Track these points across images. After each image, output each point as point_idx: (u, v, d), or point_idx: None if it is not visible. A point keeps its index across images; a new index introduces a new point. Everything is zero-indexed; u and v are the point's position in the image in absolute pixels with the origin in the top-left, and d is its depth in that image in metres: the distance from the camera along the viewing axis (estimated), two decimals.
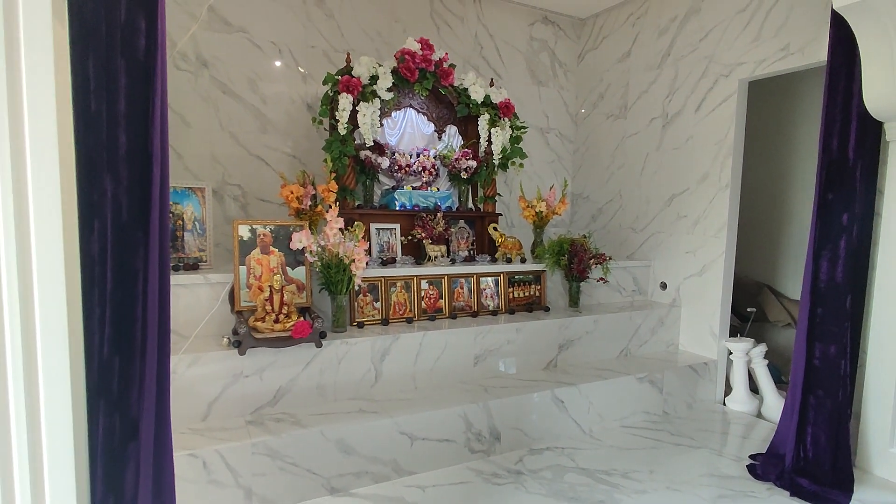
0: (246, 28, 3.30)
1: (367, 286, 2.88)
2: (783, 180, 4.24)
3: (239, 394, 2.34)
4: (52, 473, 0.99)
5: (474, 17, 4.05)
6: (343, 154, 2.99)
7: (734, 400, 3.36)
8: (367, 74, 3.01)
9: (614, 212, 4.24)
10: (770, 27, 3.08)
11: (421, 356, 2.76)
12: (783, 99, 4.20)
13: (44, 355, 0.97)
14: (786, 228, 4.23)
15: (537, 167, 4.42)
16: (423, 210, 3.29)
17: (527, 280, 3.39)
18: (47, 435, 0.98)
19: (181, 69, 3.15)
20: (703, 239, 3.51)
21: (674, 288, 3.74)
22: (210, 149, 3.27)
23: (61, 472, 1.00)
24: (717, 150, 3.40)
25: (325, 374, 2.51)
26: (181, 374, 2.22)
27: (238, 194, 3.38)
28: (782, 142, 4.23)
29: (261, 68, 3.38)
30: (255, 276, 2.54)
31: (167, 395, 1.25)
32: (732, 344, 3.36)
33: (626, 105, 4.10)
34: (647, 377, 3.14)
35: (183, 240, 2.73)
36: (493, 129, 3.39)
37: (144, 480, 1.25)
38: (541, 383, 2.89)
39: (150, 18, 1.14)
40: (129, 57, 1.13)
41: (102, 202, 1.14)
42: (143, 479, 1.25)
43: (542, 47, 4.37)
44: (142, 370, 1.17)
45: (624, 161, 4.13)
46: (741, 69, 3.24)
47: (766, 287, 4.30)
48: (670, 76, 3.71)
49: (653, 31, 3.84)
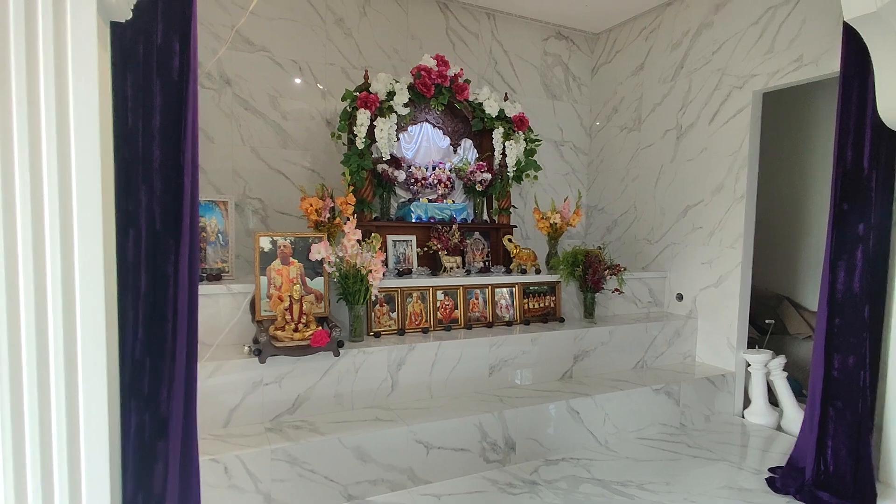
0: (268, 47, 3.43)
1: (384, 297, 2.94)
2: (800, 191, 4.22)
3: (259, 401, 2.40)
4: (88, 466, 1.05)
5: (489, 33, 4.14)
6: (361, 168, 3.07)
7: (753, 412, 3.32)
8: (384, 90, 3.10)
9: (629, 223, 4.25)
10: (783, 39, 3.10)
11: (436, 366, 2.79)
12: (798, 110, 4.20)
13: (83, 354, 1.04)
14: (804, 239, 4.20)
15: (552, 179, 4.46)
16: (439, 222, 3.35)
17: (542, 291, 3.42)
18: (85, 428, 1.04)
19: (206, 87, 3.28)
20: (720, 250, 3.51)
21: (690, 299, 3.73)
22: (232, 163, 3.38)
23: (96, 465, 1.06)
24: (731, 161, 3.41)
25: (342, 382, 2.56)
26: (203, 381, 2.28)
27: (259, 207, 3.48)
28: (798, 152, 4.22)
29: (282, 85, 3.49)
30: (276, 286, 2.61)
31: (194, 396, 1.32)
32: (750, 356, 3.34)
33: (640, 117, 4.13)
34: (663, 389, 3.13)
35: (206, 251, 2.82)
36: (508, 142, 3.45)
37: (172, 479, 1.31)
38: (556, 394, 2.90)
39: (183, 42, 1.22)
40: (164, 77, 1.22)
41: (137, 211, 1.22)
42: (171, 477, 1.31)
43: (555, 62, 4.44)
44: (171, 371, 1.23)
45: (638, 173, 4.15)
46: (754, 81, 3.26)
47: (785, 299, 4.26)
48: (684, 88, 3.74)
49: (666, 45, 3.89)
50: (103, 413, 1.07)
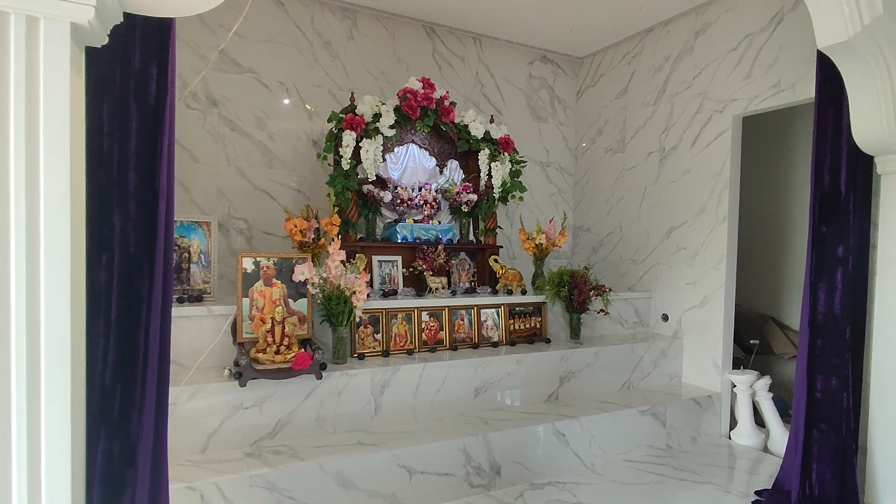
0: (255, 69, 3.46)
1: (369, 318, 2.92)
2: (782, 212, 4.28)
3: (238, 426, 2.35)
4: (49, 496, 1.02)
5: (475, 56, 4.21)
6: (346, 188, 3.08)
7: (739, 434, 3.32)
8: (370, 112, 3.13)
9: (615, 244, 4.28)
10: (761, 65, 3.18)
11: (421, 388, 2.76)
12: (778, 133, 4.29)
13: (47, 380, 1.02)
14: (788, 260, 4.25)
15: (538, 200, 4.50)
16: (425, 242, 3.35)
17: (528, 312, 3.41)
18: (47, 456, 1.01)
19: (192, 108, 3.28)
20: (703, 271, 3.53)
21: (675, 319, 3.74)
22: (217, 183, 3.38)
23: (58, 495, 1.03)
24: (713, 183, 3.46)
25: (324, 405, 2.53)
26: (182, 405, 2.25)
27: (244, 227, 3.46)
28: (779, 175, 4.29)
29: (268, 106, 3.51)
30: (258, 307, 2.58)
31: (165, 422, 1.29)
32: (736, 376, 3.34)
33: (624, 140, 4.19)
34: (649, 410, 3.12)
35: (189, 272, 2.79)
36: (493, 163, 3.48)
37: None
38: (542, 416, 2.88)
39: (161, 67, 1.23)
40: (141, 101, 1.22)
41: (111, 235, 1.21)
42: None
43: (541, 85, 4.51)
44: (142, 397, 1.21)
45: (623, 194, 4.20)
46: (734, 105, 3.33)
47: (770, 319, 4.29)
48: (666, 112, 3.81)
49: (648, 70, 3.97)
50: (66, 445, 1.04)
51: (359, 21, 3.75)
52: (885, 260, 2.54)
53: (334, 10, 3.67)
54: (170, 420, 2.09)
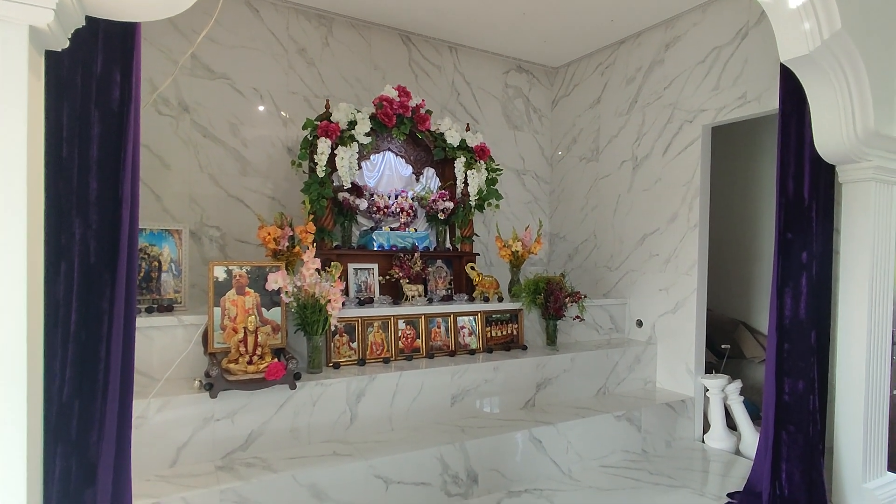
0: (228, 75, 3.40)
1: (344, 326, 2.88)
2: (751, 219, 4.39)
3: (209, 438, 2.29)
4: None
5: (451, 65, 4.22)
6: (321, 196, 3.04)
7: (712, 437, 3.36)
8: (345, 120, 3.10)
9: (590, 251, 4.33)
10: (728, 77, 3.26)
11: (397, 397, 2.73)
12: (746, 142, 4.40)
13: (1, 398, 0.97)
14: (757, 265, 4.35)
15: (514, 208, 4.52)
16: (401, 250, 3.33)
17: (504, 319, 3.42)
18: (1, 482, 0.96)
19: (163, 114, 3.22)
20: (675, 276, 3.59)
21: (649, 325, 3.79)
22: (189, 190, 3.31)
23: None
24: (685, 191, 3.53)
25: (299, 416, 2.48)
26: (150, 418, 2.18)
27: (217, 235, 3.40)
28: (748, 182, 4.40)
29: (242, 113, 3.46)
30: (230, 317, 2.53)
31: (128, 438, 1.24)
32: (708, 381, 3.39)
33: (598, 148, 4.25)
34: (625, 415, 3.14)
35: (159, 281, 2.72)
36: (470, 171, 3.48)
37: None
38: (519, 423, 2.87)
39: (125, 71, 1.19)
40: (104, 107, 1.18)
41: (70, 245, 1.16)
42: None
43: (516, 94, 4.55)
44: (102, 412, 1.16)
45: (598, 202, 4.25)
46: (704, 115, 3.41)
47: (740, 323, 4.37)
48: (638, 122, 3.88)
49: (621, 80, 4.04)
50: (21, 459, 0.99)
51: (334, 28, 3.73)
52: (848, 265, 2.61)
53: (310, 17, 3.65)
54: (138, 434, 2.03)
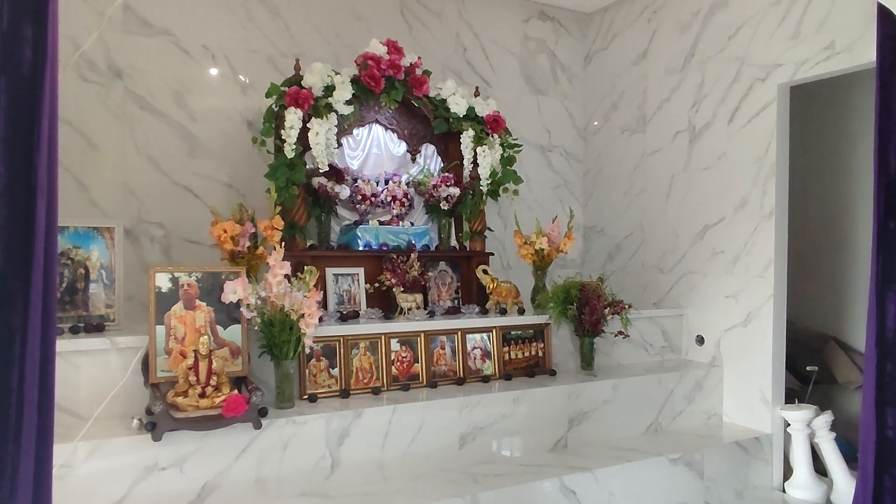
0: (171, 30, 3.43)
1: (322, 348, 2.90)
2: (844, 205, 4.36)
3: (153, 492, 2.31)
4: None
5: (455, 13, 4.23)
6: (291, 182, 3.06)
7: (795, 485, 3.36)
8: (320, 84, 3.12)
9: (635, 248, 4.33)
10: (810, 22, 3.25)
11: (391, 437, 2.75)
12: (836, 106, 4.38)
13: None
14: (852, 266, 4.31)
15: (538, 194, 4.53)
16: (394, 250, 3.35)
17: (526, 336, 3.42)
18: None
19: (88, 80, 3.25)
20: (746, 280, 3.59)
21: (713, 342, 3.78)
22: (123, 177, 3.34)
23: None
24: (756, 169, 3.52)
25: (265, 463, 2.50)
26: (77, 467, 2.19)
27: (159, 235, 3.43)
28: (838, 158, 4.38)
29: (189, 78, 3.49)
30: (177, 338, 2.55)
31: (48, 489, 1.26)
32: (790, 413, 3.39)
33: (644, 117, 4.25)
34: (682, 458, 3.14)
35: (86, 293, 2.75)
36: (480, 148, 3.49)
37: None
38: (546, 469, 2.88)
39: (38, 26, 1.21)
40: (12, 72, 1.20)
41: None
42: None
43: (539, 48, 4.56)
44: (15, 459, 1.18)
45: (645, 185, 4.25)
46: (780, 72, 3.40)
47: (831, 339, 4.36)
48: (696, 81, 3.87)
49: (672, 28, 4.04)
50: None
51: None
52: None
53: None
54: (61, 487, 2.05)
